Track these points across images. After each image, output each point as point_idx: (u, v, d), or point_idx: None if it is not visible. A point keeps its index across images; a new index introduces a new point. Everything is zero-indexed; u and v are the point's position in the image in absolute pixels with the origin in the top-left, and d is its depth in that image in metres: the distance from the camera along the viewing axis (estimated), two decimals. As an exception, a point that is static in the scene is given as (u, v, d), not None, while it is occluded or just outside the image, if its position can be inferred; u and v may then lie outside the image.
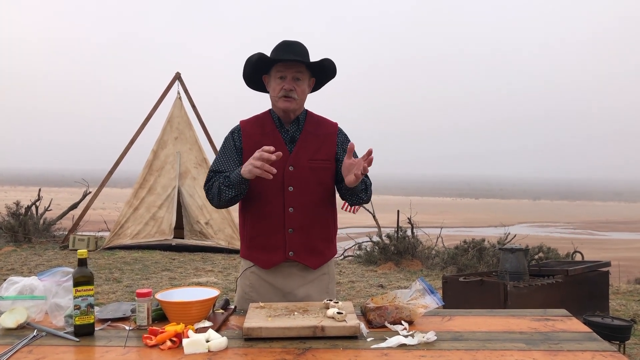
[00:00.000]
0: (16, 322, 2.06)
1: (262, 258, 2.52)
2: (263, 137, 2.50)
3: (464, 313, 2.27)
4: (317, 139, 2.54)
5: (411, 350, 1.81)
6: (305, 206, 2.47)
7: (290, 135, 2.52)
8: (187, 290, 2.24)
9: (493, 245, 9.36)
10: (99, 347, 1.87)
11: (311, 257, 2.51)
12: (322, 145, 2.53)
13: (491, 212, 42.38)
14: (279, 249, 2.48)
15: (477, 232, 24.78)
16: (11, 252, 10.35)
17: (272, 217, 2.48)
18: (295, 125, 2.54)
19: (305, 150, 2.50)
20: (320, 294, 2.54)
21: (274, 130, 2.52)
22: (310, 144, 2.52)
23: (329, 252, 2.61)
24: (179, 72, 11.78)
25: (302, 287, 2.51)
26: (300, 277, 2.52)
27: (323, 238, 2.54)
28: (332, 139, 2.56)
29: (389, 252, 9.66)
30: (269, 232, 2.49)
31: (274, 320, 1.99)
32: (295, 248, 2.47)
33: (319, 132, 2.55)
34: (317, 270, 2.55)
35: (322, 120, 2.62)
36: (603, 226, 35.61)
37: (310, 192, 2.48)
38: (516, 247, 5.24)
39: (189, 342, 1.82)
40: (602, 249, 22.48)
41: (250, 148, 2.46)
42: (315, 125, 2.57)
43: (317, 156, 2.51)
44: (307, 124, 2.56)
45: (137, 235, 10.88)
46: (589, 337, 1.95)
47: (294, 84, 2.44)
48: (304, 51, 2.47)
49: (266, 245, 2.50)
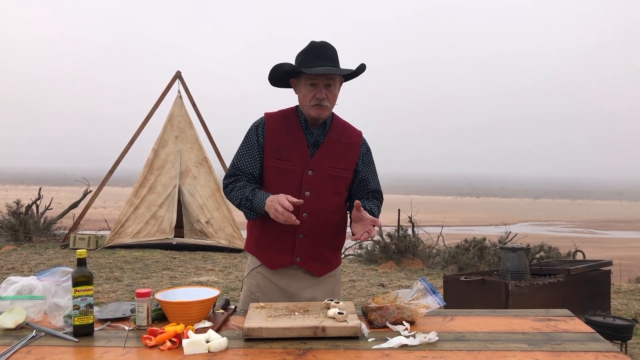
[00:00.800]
0: (15, 323, 2.05)
1: (269, 259, 2.50)
2: (287, 137, 2.46)
3: (466, 313, 2.25)
4: (340, 146, 2.49)
5: (413, 351, 1.80)
6: (319, 213, 2.44)
7: (314, 139, 2.47)
8: (187, 290, 2.23)
9: (494, 244, 9.34)
10: (98, 348, 1.86)
11: (317, 265, 2.50)
12: (345, 154, 2.50)
13: (492, 211, 42.38)
14: (287, 252, 2.47)
15: (478, 231, 24.76)
16: (12, 251, 10.34)
17: None
18: (321, 129, 2.49)
19: (326, 157, 2.46)
20: (325, 296, 2.52)
21: (298, 131, 2.47)
22: (333, 151, 2.48)
23: (335, 260, 2.60)
24: (179, 71, 11.76)
25: (308, 289, 2.50)
26: (305, 280, 2.51)
27: (331, 247, 2.53)
28: (356, 150, 2.52)
29: (389, 251, 9.65)
30: (280, 234, 2.46)
31: (275, 321, 1.98)
32: (303, 254, 2.46)
33: (343, 140, 2.51)
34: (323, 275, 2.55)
35: (347, 127, 2.57)
36: (604, 225, 35.58)
37: (325, 200, 2.45)
38: (517, 246, 5.22)
39: (188, 342, 1.81)
40: (604, 248, 22.45)
41: (273, 146, 2.45)
42: (340, 132, 2.52)
43: (338, 164, 2.47)
44: (333, 130, 2.50)
45: (137, 234, 10.87)
46: (592, 338, 1.93)
47: (326, 91, 2.38)
48: (334, 55, 2.41)
49: (275, 246, 2.49)
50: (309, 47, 2.41)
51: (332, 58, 2.40)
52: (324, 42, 2.42)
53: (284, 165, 2.45)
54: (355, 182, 2.55)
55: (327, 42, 2.42)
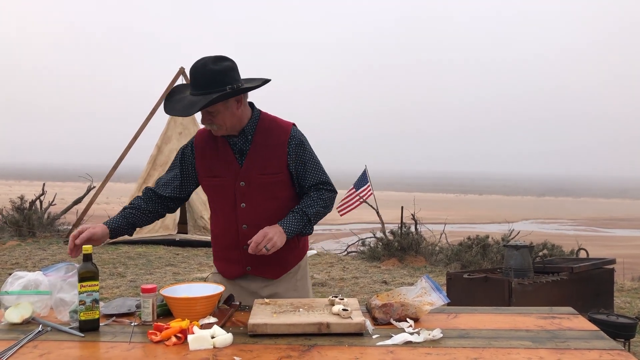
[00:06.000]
0: (21, 317, 2.06)
1: (224, 269, 2.54)
2: (214, 152, 2.42)
3: (470, 310, 2.26)
4: (267, 150, 2.38)
5: (417, 348, 1.80)
6: (259, 224, 2.33)
7: (239, 148, 2.39)
8: (192, 286, 2.24)
9: (497, 242, 9.33)
10: (103, 343, 1.87)
11: (270, 269, 2.48)
12: (273, 156, 2.38)
13: (495, 209, 42.31)
14: (238, 263, 2.47)
15: (481, 228, 24.75)
16: (15, 247, 10.38)
17: (227, 234, 2.45)
18: (243, 137, 2.38)
19: (255, 165, 2.37)
20: (287, 291, 2.51)
21: (224, 144, 2.41)
22: (261, 156, 2.37)
23: (294, 258, 2.54)
24: (183, 67, 11.77)
25: (267, 287, 2.49)
26: (263, 279, 2.50)
27: (283, 249, 2.34)
28: (283, 149, 2.38)
29: (392, 248, 9.65)
30: (227, 247, 2.48)
31: (279, 317, 1.99)
32: (252, 263, 2.44)
33: (269, 143, 2.39)
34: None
35: (274, 125, 2.43)
36: (607, 223, 35.49)
37: (263, 209, 2.38)
38: (521, 244, 5.22)
39: (194, 338, 1.82)
40: (607, 246, 22.42)
41: (203, 166, 2.45)
42: (266, 134, 2.40)
43: (267, 170, 2.37)
44: (257, 134, 2.39)
45: (141, 230, 10.89)
46: (596, 336, 1.93)
47: (209, 117, 2.28)
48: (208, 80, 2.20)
49: (226, 258, 2.51)
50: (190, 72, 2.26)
51: (206, 85, 2.20)
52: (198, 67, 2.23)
53: (217, 182, 2.42)
54: (294, 180, 2.45)
55: (205, 65, 2.22)
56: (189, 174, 2.51)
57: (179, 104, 2.26)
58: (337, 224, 26.11)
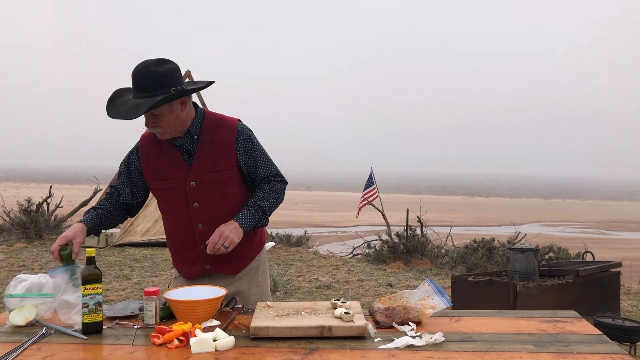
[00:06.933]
0: (25, 320, 2.07)
1: (184, 270, 2.53)
2: (160, 155, 2.41)
3: (472, 314, 2.25)
4: (215, 147, 2.38)
5: (419, 351, 1.80)
6: (214, 222, 2.35)
7: (187, 148, 2.38)
8: (195, 289, 2.25)
9: (503, 245, 9.30)
10: (106, 345, 1.88)
11: (230, 265, 2.48)
12: (222, 153, 2.38)
13: (502, 211, 42.13)
14: (197, 263, 2.47)
15: (487, 231, 24.66)
16: (22, 249, 10.44)
17: (183, 234, 2.44)
18: (189, 138, 2.37)
19: (203, 163, 2.36)
20: (250, 288, 2.52)
21: (170, 145, 2.39)
22: (208, 154, 2.37)
23: (251, 252, 2.55)
24: (189, 70, 11.80)
25: (230, 285, 2.48)
26: (226, 278, 2.50)
27: (241, 244, 2.38)
28: (231, 145, 2.39)
29: (398, 251, 9.63)
30: (184, 249, 2.48)
31: (281, 320, 1.99)
32: (211, 262, 2.45)
33: (217, 140, 2.38)
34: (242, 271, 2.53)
35: (220, 122, 2.42)
36: (615, 226, 35.30)
37: (217, 207, 2.39)
38: (526, 247, 5.20)
39: (196, 341, 1.82)
40: (614, 249, 22.28)
41: (150, 169, 2.43)
42: (213, 131, 2.39)
43: (217, 167, 2.37)
44: (203, 133, 2.38)
45: (147, 233, 10.94)
46: (599, 340, 1.92)
47: (153, 119, 2.26)
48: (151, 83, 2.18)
49: (185, 259, 2.51)
50: (132, 73, 2.24)
51: (149, 87, 2.18)
52: (140, 69, 2.21)
53: (166, 185, 2.41)
54: (244, 175, 2.45)
55: (147, 68, 2.20)
56: (136, 181, 2.49)
57: (123, 107, 2.21)
58: (343, 226, 26.05)
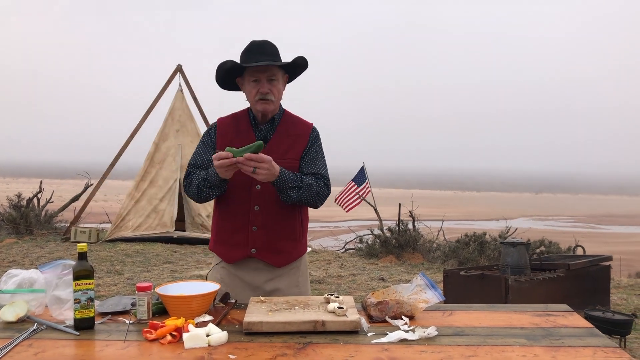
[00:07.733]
0: (16, 316, 2.06)
1: (226, 253, 2.55)
2: (237, 136, 2.52)
3: (465, 308, 2.26)
4: (289, 139, 2.53)
5: (412, 345, 1.80)
6: (271, 205, 2.46)
7: (264, 135, 2.52)
8: (188, 284, 2.24)
9: (494, 239, 9.36)
10: (99, 341, 1.87)
11: (274, 256, 2.51)
12: (293, 145, 2.53)
13: (493, 206, 42.37)
14: (242, 245, 2.50)
15: (478, 225, 24.79)
16: (13, 244, 10.38)
17: (238, 214, 2.49)
18: (270, 125, 2.54)
19: (275, 150, 2.48)
20: (289, 287, 2.54)
21: (248, 129, 2.54)
22: (282, 144, 2.51)
23: (296, 251, 2.59)
24: (180, 65, 11.75)
25: (270, 281, 2.52)
26: (267, 272, 2.53)
27: (288, 237, 2.52)
28: (304, 140, 2.55)
29: (390, 245, 9.67)
30: (234, 229, 2.51)
31: (275, 315, 1.99)
32: (258, 246, 2.48)
33: (292, 132, 2.55)
34: (285, 266, 2.56)
35: (297, 120, 2.61)
36: (605, 220, 35.59)
37: (276, 193, 2.44)
38: (518, 241, 5.23)
39: (189, 336, 1.81)
40: (604, 243, 22.48)
41: (223, 146, 2.46)
42: (290, 126, 2.57)
43: (286, 155, 2.49)
44: (282, 124, 2.55)
45: (138, 228, 10.89)
46: (591, 333, 1.94)
47: (269, 85, 2.44)
48: (274, 50, 2.47)
49: (230, 241, 2.53)
50: (249, 45, 2.46)
51: (272, 53, 2.44)
52: (264, 40, 2.48)
53: None
54: (301, 166, 2.52)
55: (268, 40, 2.48)
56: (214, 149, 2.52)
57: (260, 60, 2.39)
58: (335, 220, 26.09)
